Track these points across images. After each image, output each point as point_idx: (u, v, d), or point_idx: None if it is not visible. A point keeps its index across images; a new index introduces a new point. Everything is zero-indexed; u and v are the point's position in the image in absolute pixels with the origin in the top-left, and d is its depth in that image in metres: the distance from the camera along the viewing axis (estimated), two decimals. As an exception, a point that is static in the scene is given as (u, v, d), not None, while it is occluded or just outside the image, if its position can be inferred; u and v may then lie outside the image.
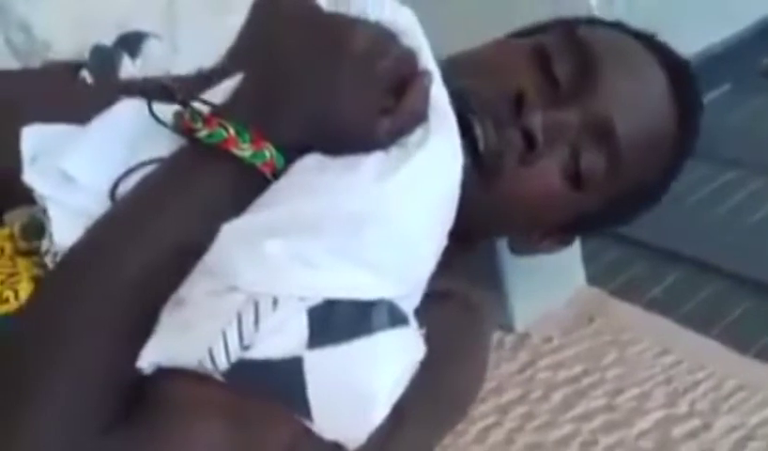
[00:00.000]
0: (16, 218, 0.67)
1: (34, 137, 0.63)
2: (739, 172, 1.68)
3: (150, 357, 0.51)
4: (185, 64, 0.78)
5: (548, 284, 1.15)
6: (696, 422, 0.97)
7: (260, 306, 0.49)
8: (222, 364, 0.49)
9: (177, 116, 0.58)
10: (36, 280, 0.61)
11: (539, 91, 0.65)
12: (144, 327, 0.53)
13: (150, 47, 0.80)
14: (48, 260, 0.59)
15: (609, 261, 1.43)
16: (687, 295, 1.36)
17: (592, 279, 1.26)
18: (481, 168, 0.61)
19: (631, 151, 0.69)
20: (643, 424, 0.98)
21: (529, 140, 0.64)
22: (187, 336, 0.51)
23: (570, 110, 0.66)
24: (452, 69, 0.62)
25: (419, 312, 0.57)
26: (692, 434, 0.96)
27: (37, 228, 0.64)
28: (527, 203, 0.68)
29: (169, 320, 0.52)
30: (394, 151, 0.56)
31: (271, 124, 0.56)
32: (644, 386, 1.03)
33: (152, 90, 0.61)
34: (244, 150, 0.55)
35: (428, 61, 0.60)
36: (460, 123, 0.59)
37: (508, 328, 1.14)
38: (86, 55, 0.81)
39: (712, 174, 1.66)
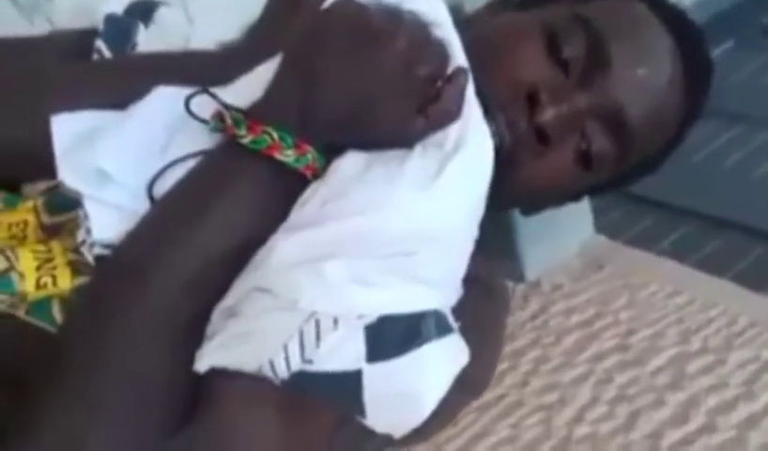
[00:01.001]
0: (36, 191, 0.67)
1: (65, 128, 0.62)
2: (744, 127, 1.69)
3: (208, 362, 0.53)
4: (202, 36, 0.76)
5: (558, 233, 1.15)
6: (709, 358, 0.97)
7: (321, 324, 0.52)
8: (283, 373, 0.52)
9: (218, 118, 0.58)
10: (72, 266, 0.61)
11: (550, 86, 0.65)
12: (197, 329, 0.54)
13: (163, 16, 0.77)
14: (85, 251, 0.59)
15: (617, 217, 1.43)
16: (696, 247, 1.39)
17: (601, 233, 1.25)
18: (495, 162, 0.62)
19: (641, 133, 0.70)
20: (657, 361, 0.97)
21: (542, 136, 0.65)
22: (247, 347, 0.53)
23: (581, 97, 0.66)
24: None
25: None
26: (706, 369, 0.96)
27: (60, 202, 0.65)
28: (540, 188, 0.70)
29: (226, 329, 0.54)
30: (432, 153, 0.58)
31: (311, 126, 0.57)
32: (656, 326, 1.03)
33: (184, 75, 0.62)
34: (288, 156, 0.56)
35: (459, 54, 0.60)
36: None
37: (519, 277, 1.14)
38: (93, 17, 0.79)
39: (717, 130, 1.68)
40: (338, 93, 0.56)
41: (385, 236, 0.55)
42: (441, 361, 0.55)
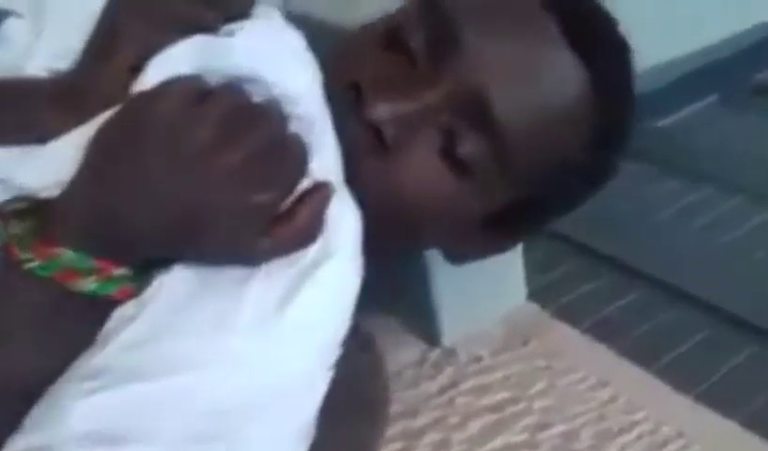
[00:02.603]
0: None
1: None
2: (714, 189, 1.58)
3: None
4: (46, 53, 0.64)
5: (483, 297, 1.06)
6: (624, 469, 0.87)
7: None
8: None
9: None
10: None
11: (382, 78, 0.57)
12: None
13: (9, 28, 0.66)
14: None
15: (559, 275, 1.33)
16: (640, 318, 1.27)
17: (536, 293, 1.16)
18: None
19: (517, 122, 0.58)
20: (565, 465, 0.87)
21: (379, 137, 0.56)
22: None
23: (427, 89, 0.57)
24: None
25: None
26: (618, 483, 0.85)
27: None
28: (409, 202, 0.59)
29: None
30: (281, 274, 0.48)
31: (121, 243, 0.47)
32: (573, 422, 0.93)
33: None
34: (87, 284, 0.47)
35: (325, 133, 0.51)
36: None
37: (433, 341, 1.04)
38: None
39: (684, 189, 1.57)
40: (153, 206, 0.46)
41: (204, 405, 0.45)
42: None
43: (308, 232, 0.49)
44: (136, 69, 0.51)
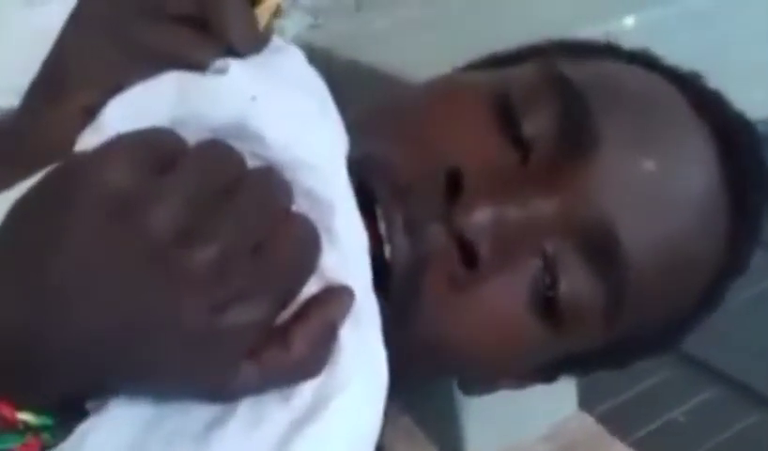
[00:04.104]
0: None
1: None
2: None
3: None
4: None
5: (520, 402, 0.88)
6: None
7: None
8: None
9: None
10: None
11: (488, 170, 0.45)
12: None
13: None
14: None
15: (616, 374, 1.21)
16: (717, 423, 1.18)
17: (587, 393, 1.03)
18: (388, 292, 0.42)
19: (646, 272, 0.46)
20: None
21: (467, 251, 0.43)
22: None
23: (539, 196, 0.45)
24: (366, 125, 0.46)
25: None
26: None
27: None
28: (468, 349, 0.46)
29: None
30: (266, 419, 0.38)
31: (27, 373, 0.37)
32: None
33: None
34: None
35: (348, 218, 0.39)
36: (362, 213, 0.40)
37: None
38: None
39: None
40: (78, 319, 0.35)
41: None
42: None
43: (310, 362, 0.38)
44: (93, 114, 0.40)
